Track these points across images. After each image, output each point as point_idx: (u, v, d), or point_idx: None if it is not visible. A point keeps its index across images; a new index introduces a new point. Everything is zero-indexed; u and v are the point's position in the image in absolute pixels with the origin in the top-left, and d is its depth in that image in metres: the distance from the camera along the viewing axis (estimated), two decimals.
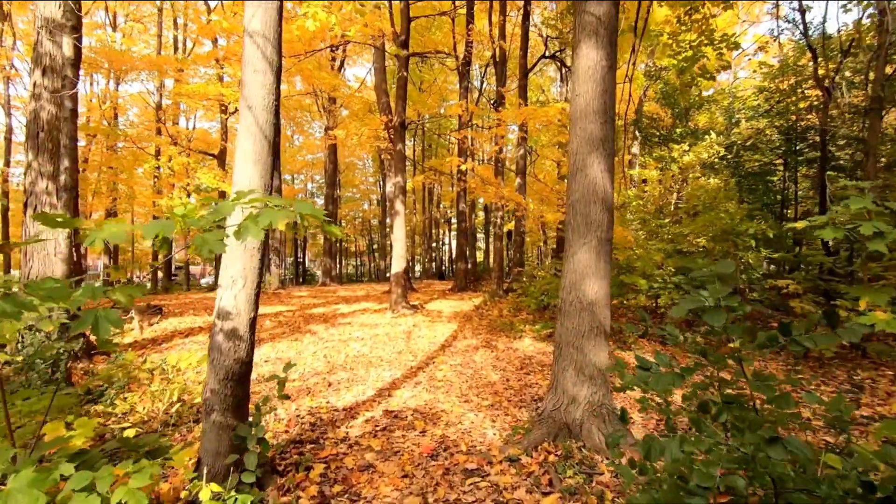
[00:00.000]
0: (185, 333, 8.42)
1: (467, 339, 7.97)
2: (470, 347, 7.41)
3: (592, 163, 3.73)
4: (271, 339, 8.11)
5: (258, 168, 2.92)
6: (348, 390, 5.27)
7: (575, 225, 3.78)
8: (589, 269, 3.68)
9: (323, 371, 6.06)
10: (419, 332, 8.66)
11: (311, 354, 7.04)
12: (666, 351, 7.01)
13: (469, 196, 18.17)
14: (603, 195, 3.73)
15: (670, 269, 7.21)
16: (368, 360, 6.73)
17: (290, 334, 8.56)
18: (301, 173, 31.37)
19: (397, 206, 10.44)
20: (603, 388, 3.65)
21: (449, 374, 5.89)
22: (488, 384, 5.46)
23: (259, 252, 2.94)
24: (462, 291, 15.12)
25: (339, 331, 8.86)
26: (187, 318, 9.86)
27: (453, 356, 6.86)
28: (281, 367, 6.44)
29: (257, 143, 2.93)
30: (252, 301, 2.92)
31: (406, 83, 10.85)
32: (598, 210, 3.71)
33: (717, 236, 7.38)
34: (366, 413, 4.54)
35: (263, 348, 7.43)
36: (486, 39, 12.59)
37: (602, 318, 3.69)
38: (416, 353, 7.14)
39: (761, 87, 13.62)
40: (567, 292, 3.78)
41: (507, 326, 8.64)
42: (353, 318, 10.28)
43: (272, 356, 6.94)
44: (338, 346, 7.57)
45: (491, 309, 11.05)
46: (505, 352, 7.09)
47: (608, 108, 3.78)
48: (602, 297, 3.69)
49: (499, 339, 7.90)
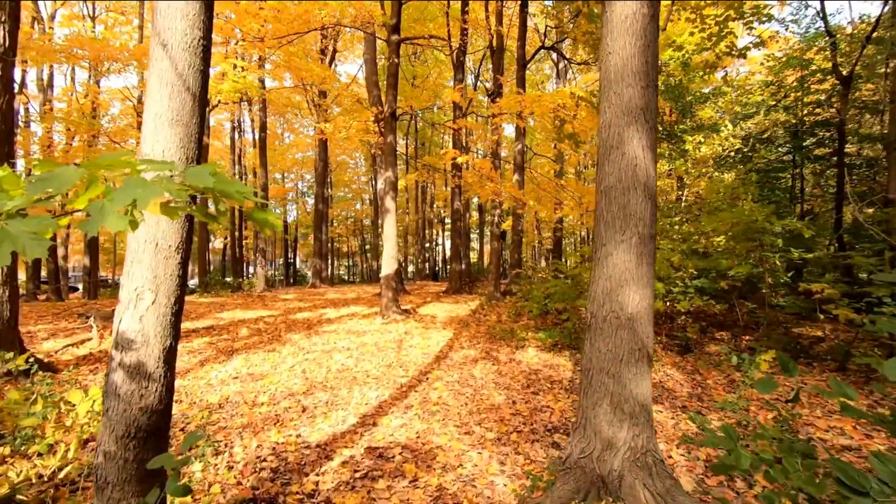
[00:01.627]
0: None
1: (464, 349, 7.09)
2: (468, 359, 6.53)
3: (631, 137, 2.87)
4: (246, 350, 7.17)
5: (177, 132, 2.01)
6: (326, 418, 4.36)
7: (609, 218, 2.91)
8: (628, 275, 2.82)
9: (299, 391, 5.14)
10: (411, 340, 7.76)
11: (287, 369, 6.11)
12: (685, 363, 6.19)
13: (464, 195, 17.32)
14: (645, 179, 2.86)
15: (691, 272, 6.38)
16: (353, 375, 5.82)
17: (268, 343, 7.63)
18: (291, 172, 30.32)
19: (388, 202, 9.53)
20: (647, 429, 2.79)
21: (445, 394, 5.01)
22: (492, 408, 4.58)
23: (179, 253, 2.03)
24: (457, 294, 14.24)
25: (322, 339, 7.94)
26: None
27: (450, 370, 5.98)
28: (251, 385, 5.53)
29: (176, 98, 2.02)
30: (167, 323, 2.01)
31: (397, 71, 9.95)
32: (640, 199, 2.85)
33: (740, 235, 6.57)
34: (344, 451, 3.64)
35: (235, 361, 6.50)
36: (483, 27, 11.74)
37: (645, 337, 2.82)
38: (408, 366, 6.25)
39: (766, 81, 12.91)
40: (598, 304, 2.91)
41: (507, 334, 7.78)
42: (339, 324, 9.36)
43: (243, 372, 6.00)
44: (320, 359, 6.66)
45: (489, 313, 10.18)
46: (507, 365, 6.21)
47: (650, 68, 2.92)
48: (644, 311, 2.83)
49: (499, 350, 7.03)
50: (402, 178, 19.22)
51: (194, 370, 6.11)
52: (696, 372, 5.83)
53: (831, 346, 6.55)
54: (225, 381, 5.58)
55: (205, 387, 5.31)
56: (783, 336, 6.93)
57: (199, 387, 5.30)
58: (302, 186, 33.48)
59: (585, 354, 2.99)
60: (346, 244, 36.93)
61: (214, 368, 6.20)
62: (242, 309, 11.59)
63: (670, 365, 6.09)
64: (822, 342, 7.02)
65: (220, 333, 8.36)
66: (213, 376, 5.81)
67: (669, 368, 5.92)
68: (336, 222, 33.04)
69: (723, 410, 3.97)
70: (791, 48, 13.04)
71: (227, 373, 5.96)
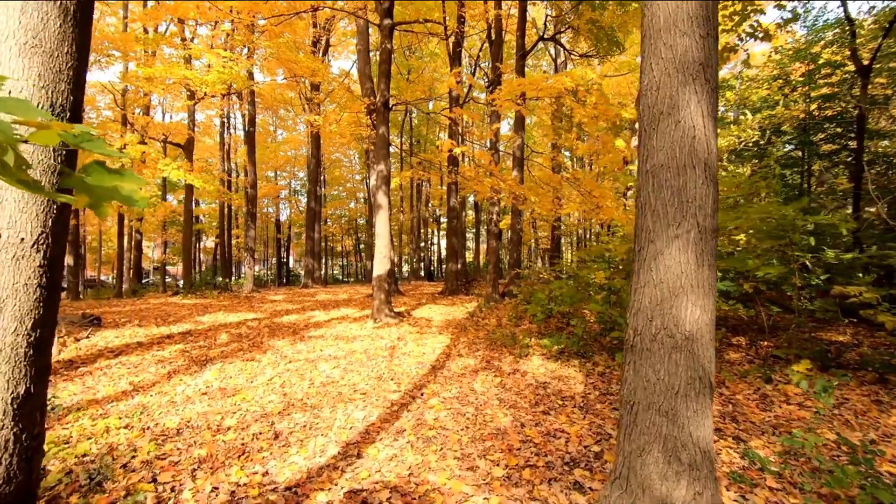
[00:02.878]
0: (116, 352, 6.69)
1: (463, 358, 6.39)
2: (467, 370, 5.82)
3: (687, 101, 2.18)
4: (222, 359, 6.43)
5: (33, 63, 1.29)
6: (302, 447, 3.64)
7: (658, 207, 2.21)
8: (685, 280, 2.12)
9: (274, 411, 4.42)
10: (404, 347, 7.05)
11: (265, 383, 5.38)
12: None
13: (461, 192, 16.62)
14: (705, 156, 2.18)
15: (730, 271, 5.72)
16: (338, 390, 5.10)
17: (248, 351, 6.89)
18: (284, 170, 29.46)
19: (380, 198, 8.81)
20: (710, 483, 2.10)
21: (443, 414, 4.30)
22: (497, 433, 3.88)
23: (38, 251, 1.31)
24: (453, 295, 13.53)
25: (308, 346, 7.21)
26: (128, 329, 8.10)
27: (447, 384, 5.27)
28: (220, 404, 4.78)
29: (33, 11, 1.30)
30: (19, 359, 1.29)
31: (390, 57, 9.24)
32: (699, 180, 2.16)
33: (765, 232, 5.92)
34: (319, 495, 2.92)
35: (208, 373, 5.75)
36: (480, 13, 11.03)
37: (707, 361, 2.13)
38: (400, 378, 5.54)
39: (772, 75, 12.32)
40: (645, 319, 2.21)
41: (509, 340, 7.09)
42: (328, 328, 8.63)
43: (214, 386, 5.26)
44: (303, 370, 5.93)
45: (487, 316, 9.49)
46: (511, 377, 5.52)
47: (710, 13, 2.23)
48: (706, 327, 2.14)
49: (501, 358, 6.33)
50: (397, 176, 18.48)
51: (160, 384, 5.36)
52: (722, 385, 5.16)
53: (864, 354, 5.92)
54: (191, 397, 4.84)
55: (166, 406, 4.57)
56: (807, 342, 6.29)
57: (160, 405, 4.56)
58: (295, 185, 32.65)
59: (627, 384, 2.29)
60: (341, 243, 36.12)
61: (183, 381, 5.45)
62: (226, 311, 10.82)
63: None
64: (849, 349, 6.40)
65: (196, 339, 7.60)
66: (178, 392, 5.07)
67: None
68: (330, 221, 32.24)
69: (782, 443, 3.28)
70: (797, 41, 12.48)
71: (196, 387, 5.22)
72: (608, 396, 4.78)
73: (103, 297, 18.15)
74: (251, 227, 15.90)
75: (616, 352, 6.11)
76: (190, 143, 14.30)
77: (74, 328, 7.83)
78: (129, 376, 5.67)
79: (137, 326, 8.45)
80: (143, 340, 7.40)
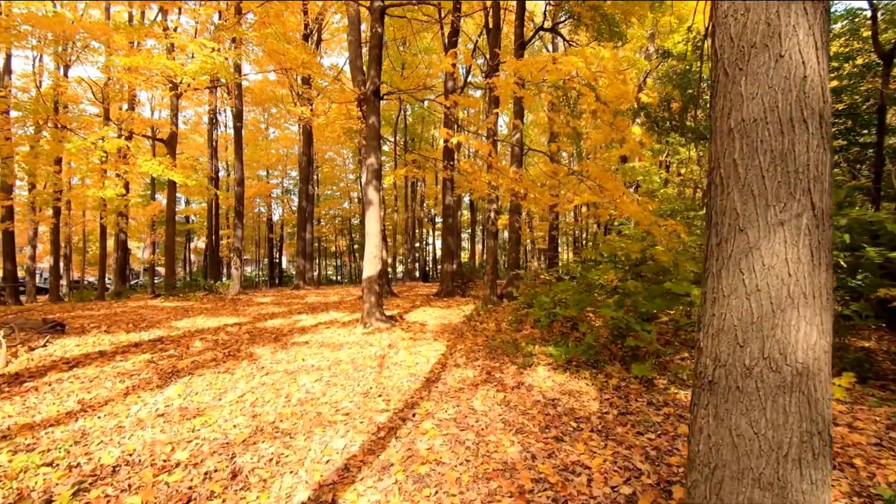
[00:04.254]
0: (72, 363, 5.92)
1: (461, 369, 5.68)
2: (465, 383, 5.11)
3: (794, 27, 1.48)
4: (192, 371, 5.67)
5: None
6: (263, 491, 2.91)
7: (749, 179, 1.51)
8: (794, 287, 1.43)
9: (238, 439, 3.68)
10: (396, 356, 6.33)
11: (234, 401, 4.64)
12: None
13: (457, 190, 15.93)
14: (819, 106, 1.48)
15: None
16: (318, 410, 4.37)
17: (223, 361, 6.14)
18: (276, 168, 28.60)
19: (370, 193, 8.08)
20: None
21: (438, 442, 3.58)
22: (503, 468, 3.17)
23: None
24: (449, 297, 12.82)
25: (290, 355, 6.47)
26: (92, 337, 7.32)
27: (443, 401, 4.56)
28: (176, 429, 4.02)
29: None
30: None
31: (381, 42, 8.52)
32: (813, 141, 1.46)
33: None
34: None
35: (171, 388, 5.00)
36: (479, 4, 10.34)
37: (825, 407, 1.44)
38: (390, 394, 4.82)
39: None
40: (730, 343, 1.51)
41: (510, 347, 6.39)
42: (314, 334, 7.89)
43: (175, 405, 4.51)
44: (280, 384, 5.20)
45: (486, 320, 8.78)
46: (515, 392, 4.81)
47: None
48: (824, 356, 1.44)
49: (503, 368, 5.63)
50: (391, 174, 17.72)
51: (113, 402, 4.61)
52: None
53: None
54: (144, 420, 4.09)
55: (111, 432, 3.82)
56: (837, 349, 5.64)
57: (104, 432, 3.81)
58: (288, 184, 31.78)
59: (702, 437, 1.59)
60: (334, 244, 35.28)
61: (140, 399, 4.70)
62: (207, 315, 10.05)
63: None
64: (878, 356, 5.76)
65: (167, 348, 6.84)
66: (132, 413, 4.31)
67: None
68: (324, 221, 31.42)
69: None
70: None
71: (154, 407, 4.47)
72: (628, 417, 4.09)
73: (86, 298, 17.26)
74: (238, 226, 15.09)
75: (631, 362, 5.43)
76: (173, 138, 13.47)
77: (32, 335, 7.04)
78: (80, 393, 4.91)
79: (104, 333, 7.67)
80: (106, 349, 6.63)
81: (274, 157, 25.88)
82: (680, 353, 5.70)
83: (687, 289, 5.06)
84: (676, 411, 4.19)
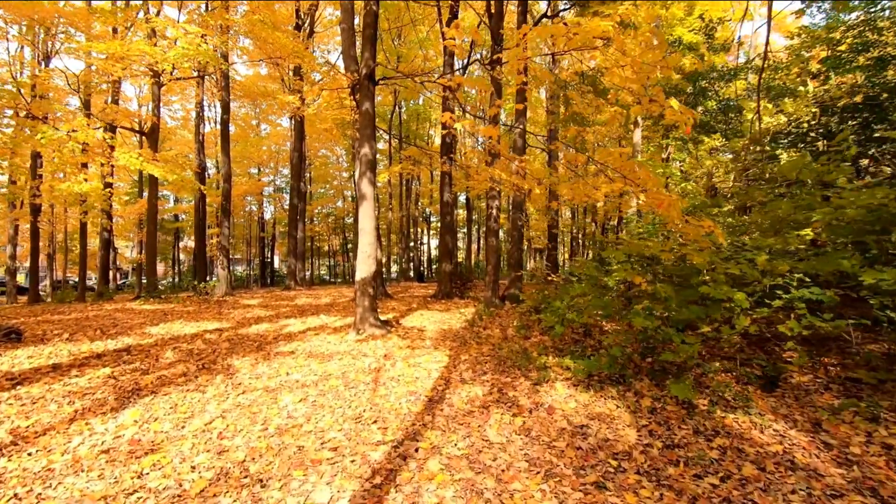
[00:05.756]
0: (18, 379, 5.04)
1: (467, 385, 4.89)
2: (475, 404, 4.33)
3: None
4: (156, 389, 4.82)
5: None
6: None
7: None
8: None
9: (194, 489, 2.86)
10: (392, 369, 5.53)
11: (199, 430, 3.81)
12: (781, 405, 4.11)
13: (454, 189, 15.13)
14: None
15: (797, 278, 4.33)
16: (299, 442, 3.56)
17: (194, 377, 5.29)
18: (267, 166, 27.60)
19: (364, 186, 7.26)
20: None
21: (449, 494, 2.79)
22: None
23: None
24: (447, 298, 12.03)
25: (272, 368, 5.64)
26: (50, 346, 6.43)
27: (450, 429, 3.77)
28: (116, 474, 3.11)
29: None
30: None
31: (376, 21, 7.72)
32: None
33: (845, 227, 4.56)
34: None
35: (125, 414, 4.16)
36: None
37: None
38: (387, 419, 4.02)
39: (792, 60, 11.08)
40: None
41: (520, 358, 5.62)
42: (301, 341, 7.06)
43: (126, 436, 3.68)
44: (258, 405, 4.37)
45: (489, 325, 8.01)
46: (535, 415, 4.04)
47: None
48: None
49: (516, 385, 4.85)
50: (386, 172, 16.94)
51: (53, 432, 3.76)
52: (817, 427, 3.75)
53: None
54: (81, 460, 3.25)
55: (34, 478, 2.98)
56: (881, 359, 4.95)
57: (22, 479, 2.97)
58: (280, 182, 30.78)
59: None
60: (328, 243, 34.30)
61: (88, 427, 3.86)
62: (187, 320, 9.16)
63: (768, 411, 4.01)
64: None
65: (133, 360, 5.97)
66: (71, 447, 3.47)
67: (774, 419, 3.84)
68: (317, 220, 30.45)
69: None
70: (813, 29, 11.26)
71: (101, 438, 3.63)
72: (677, 451, 3.33)
73: (66, 300, 16.21)
74: (225, 223, 14.17)
75: (661, 377, 4.69)
76: (154, 130, 12.52)
77: None
78: (16, 419, 4.04)
79: (66, 341, 6.77)
80: (62, 362, 5.74)
81: (265, 154, 24.90)
82: (709, 364, 4.96)
83: (727, 293, 4.32)
84: (732, 443, 3.44)
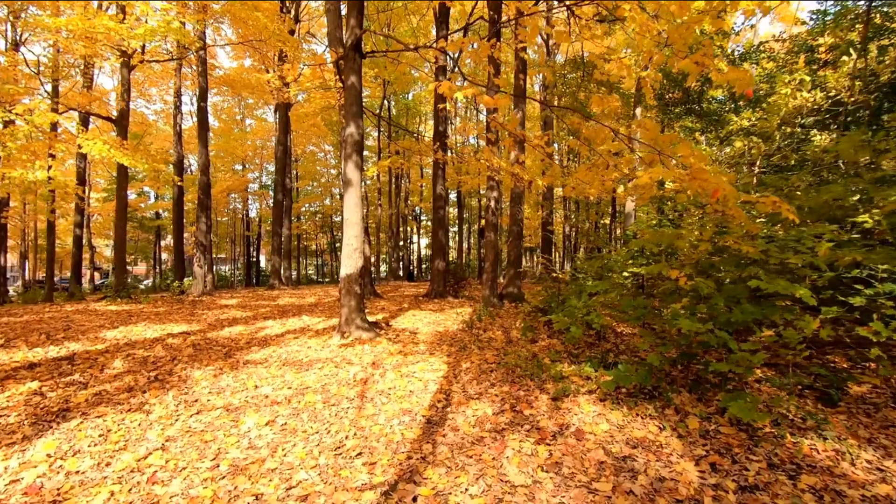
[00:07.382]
0: None
1: (473, 402, 4.00)
2: (484, 427, 3.44)
3: None
4: (87, 410, 3.83)
5: None
6: None
7: None
8: None
9: None
10: (382, 381, 4.61)
11: (126, 470, 2.85)
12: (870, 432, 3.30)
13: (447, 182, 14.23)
14: None
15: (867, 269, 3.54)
16: (254, 492, 2.63)
17: (141, 392, 4.30)
18: (252, 162, 26.36)
19: (350, 171, 6.33)
20: None
21: None
22: None
23: None
24: (440, 298, 11.14)
25: (238, 380, 4.67)
26: None
27: (457, 464, 2.88)
28: None
29: None
30: None
31: None
32: None
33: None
34: None
35: (38, 446, 3.17)
36: None
37: None
38: (375, 450, 3.11)
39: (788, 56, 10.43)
40: None
41: (531, 366, 4.75)
42: (278, 346, 6.09)
43: (26, 479, 2.70)
44: (211, 433, 3.42)
45: (489, 327, 7.13)
46: (561, 443, 3.17)
47: None
48: None
49: (531, 400, 3.97)
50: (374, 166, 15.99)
51: None
52: (887, 454, 2.94)
53: None
54: None
55: None
56: None
57: None
58: (266, 180, 29.52)
59: None
60: (315, 241, 33.09)
61: None
62: (152, 322, 8.10)
63: (844, 432, 3.20)
64: None
65: (74, 370, 4.95)
66: None
67: (856, 443, 3.03)
68: (304, 218, 29.28)
69: None
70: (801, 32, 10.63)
71: None
72: (758, 496, 2.48)
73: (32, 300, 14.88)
74: (203, 218, 13.06)
75: (703, 389, 3.87)
76: (123, 116, 11.36)
77: None
78: None
79: (3, 348, 5.70)
80: None
81: (250, 150, 23.70)
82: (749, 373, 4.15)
83: (789, 288, 3.49)
84: (825, 482, 2.60)
